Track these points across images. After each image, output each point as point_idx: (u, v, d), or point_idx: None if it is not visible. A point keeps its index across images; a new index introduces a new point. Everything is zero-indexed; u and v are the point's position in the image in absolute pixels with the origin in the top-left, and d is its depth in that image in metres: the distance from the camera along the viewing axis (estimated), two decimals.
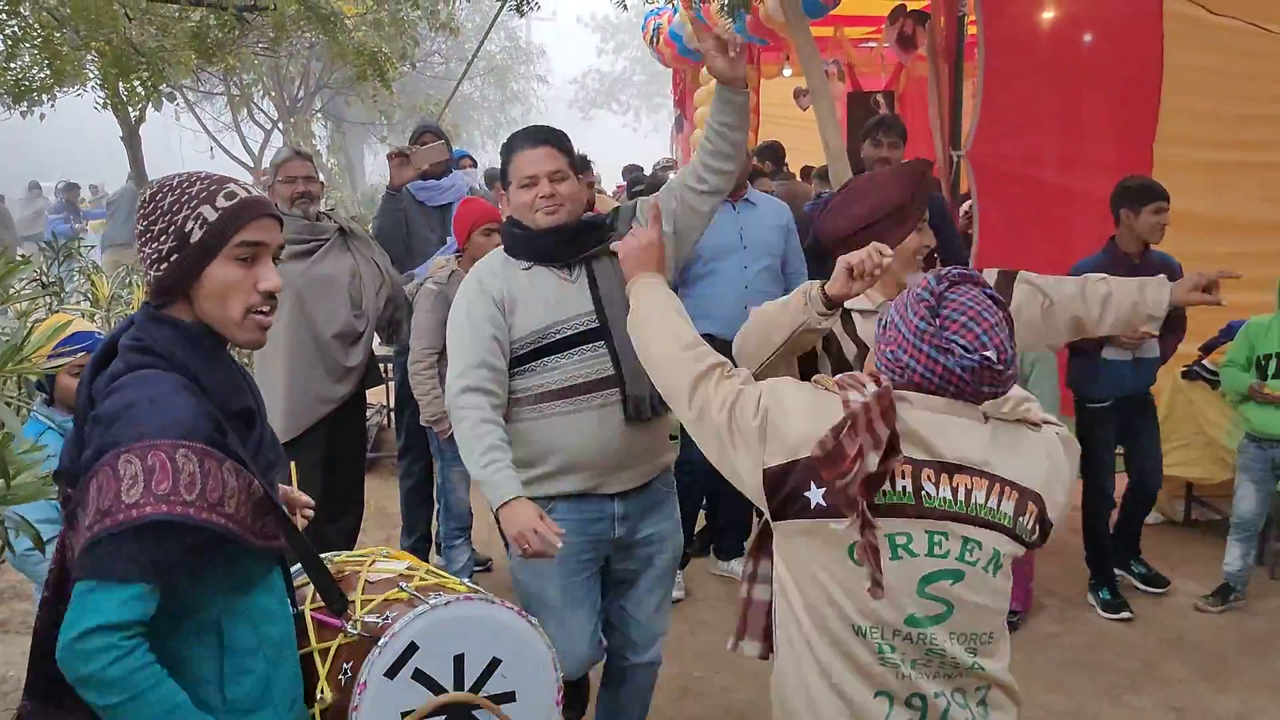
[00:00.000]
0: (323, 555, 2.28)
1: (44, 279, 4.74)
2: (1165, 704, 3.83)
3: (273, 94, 15.13)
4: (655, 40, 11.29)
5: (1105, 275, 2.67)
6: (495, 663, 2.03)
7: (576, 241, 2.79)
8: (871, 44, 10.46)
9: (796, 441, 1.84)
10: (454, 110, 22.52)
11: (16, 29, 5.02)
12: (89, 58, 5.54)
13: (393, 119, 15.51)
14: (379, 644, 1.91)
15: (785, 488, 1.84)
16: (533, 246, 2.80)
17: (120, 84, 5.66)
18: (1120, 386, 4.53)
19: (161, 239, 1.74)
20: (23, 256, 4.88)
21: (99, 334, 1.83)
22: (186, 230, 1.73)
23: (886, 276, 2.42)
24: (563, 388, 2.75)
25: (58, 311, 4.38)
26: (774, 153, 8.04)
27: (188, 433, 1.63)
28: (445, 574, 2.26)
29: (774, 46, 9.86)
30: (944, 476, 1.81)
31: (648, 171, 10.66)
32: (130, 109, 7.55)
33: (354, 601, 2.03)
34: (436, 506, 5.11)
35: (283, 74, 14.66)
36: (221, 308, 1.76)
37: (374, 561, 2.23)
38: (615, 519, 2.86)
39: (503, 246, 2.88)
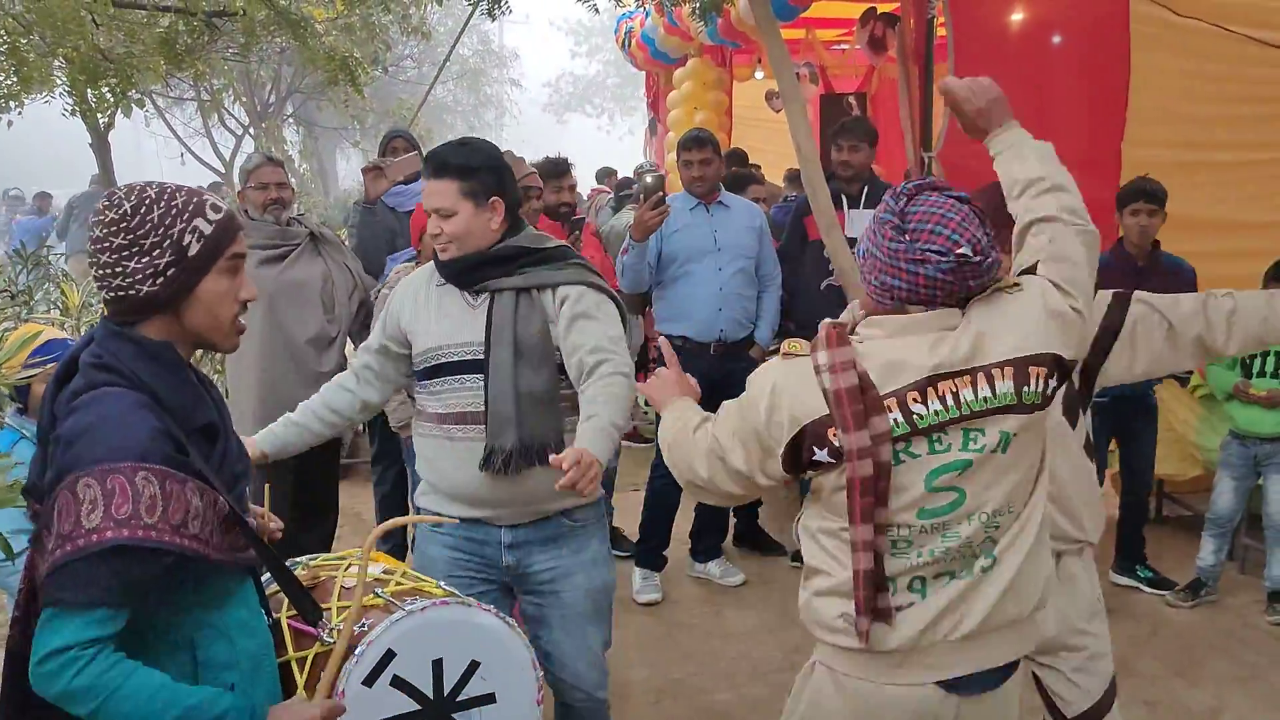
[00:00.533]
0: (299, 559, 2.30)
1: (13, 289, 4.69)
2: (1138, 698, 3.86)
3: (243, 99, 15.02)
4: (627, 44, 11.29)
5: (1231, 290, 2.55)
6: (474, 665, 2.03)
7: (475, 273, 2.67)
8: (843, 46, 10.51)
9: (794, 412, 1.94)
10: (427, 114, 22.43)
11: None
12: (56, 64, 5.48)
13: (365, 124, 15.46)
14: (355, 652, 1.90)
15: (801, 456, 1.95)
16: (442, 270, 2.74)
17: (89, 91, 5.60)
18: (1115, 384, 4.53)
19: (155, 253, 1.71)
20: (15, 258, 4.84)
21: (71, 342, 1.82)
22: (184, 244, 1.73)
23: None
24: (442, 413, 2.69)
25: (27, 321, 4.34)
26: (738, 161, 8.05)
27: (147, 454, 1.63)
28: (423, 576, 2.26)
29: (746, 49, 9.89)
30: (929, 391, 1.89)
31: (621, 175, 10.66)
32: (100, 115, 7.47)
33: (329, 609, 2.01)
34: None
35: (254, 79, 14.56)
36: (213, 318, 1.79)
37: (349, 565, 2.22)
38: (503, 546, 2.73)
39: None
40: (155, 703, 1.60)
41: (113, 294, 1.74)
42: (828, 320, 2.00)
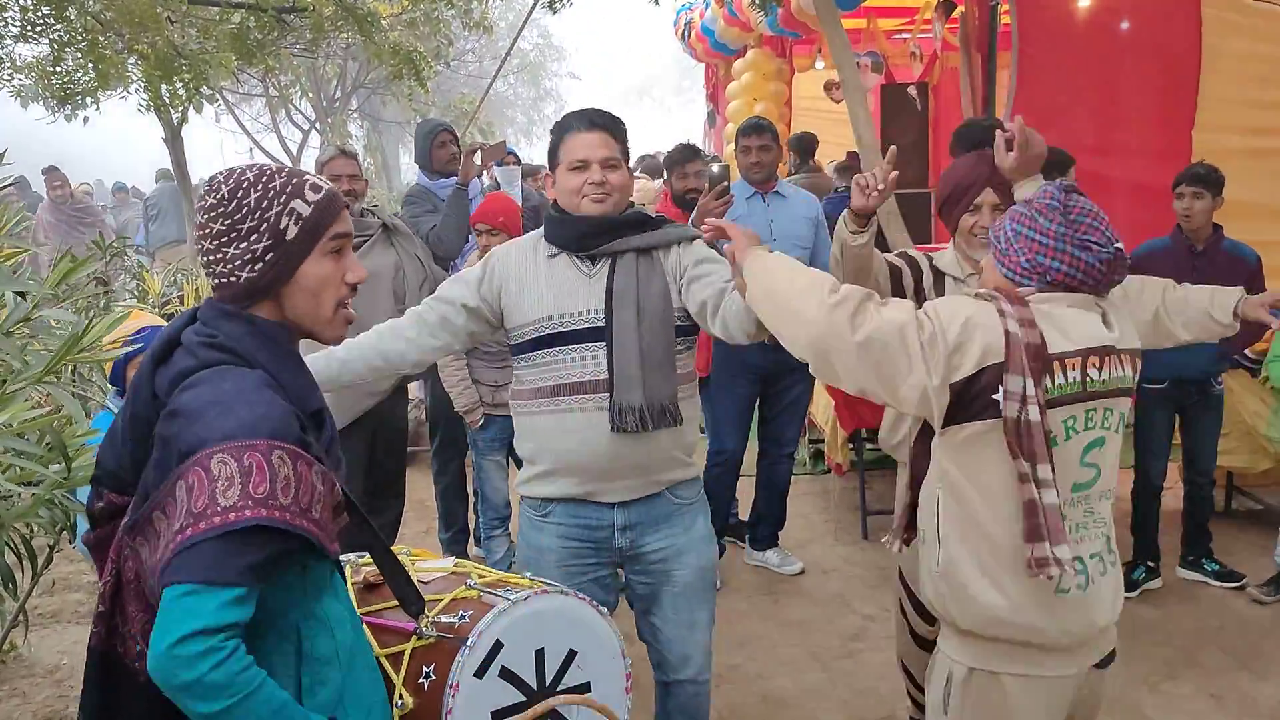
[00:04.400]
0: (349, 556, 2.23)
1: (100, 277, 4.86)
2: (1204, 691, 3.81)
3: (310, 94, 15.28)
4: (686, 35, 11.30)
5: (1189, 284, 2.72)
6: (572, 654, 2.01)
7: (608, 233, 2.65)
8: (904, 35, 10.42)
9: (981, 350, 2.03)
10: (488, 108, 22.62)
11: (62, 33, 5.13)
12: (131, 61, 5.63)
13: (427, 118, 15.60)
14: (466, 644, 1.87)
15: (972, 393, 2.04)
16: (563, 232, 2.69)
17: (163, 86, 5.75)
18: (1172, 368, 4.44)
19: (252, 238, 1.66)
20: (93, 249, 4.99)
21: (163, 327, 1.78)
22: (281, 227, 1.67)
23: (961, 250, 2.91)
24: (556, 385, 2.63)
25: (106, 308, 4.49)
26: (804, 145, 8.00)
27: (280, 432, 1.56)
28: (490, 569, 2.25)
29: (806, 40, 9.84)
30: (1101, 360, 2.08)
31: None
32: (172, 111, 7.66)
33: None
34: (473, 499, 5.18)
35: (320, 75, 14.81)
36: (315, 304, 1.72)
37: (415, 562, 2.21)
38: (616, 528, 2.71)
39: (544, 230, 2.76)
40: (279, 717, 1.52)
41: (217, 280, 1.70)
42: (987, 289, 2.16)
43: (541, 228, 2.78)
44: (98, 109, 9.31)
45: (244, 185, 1.68)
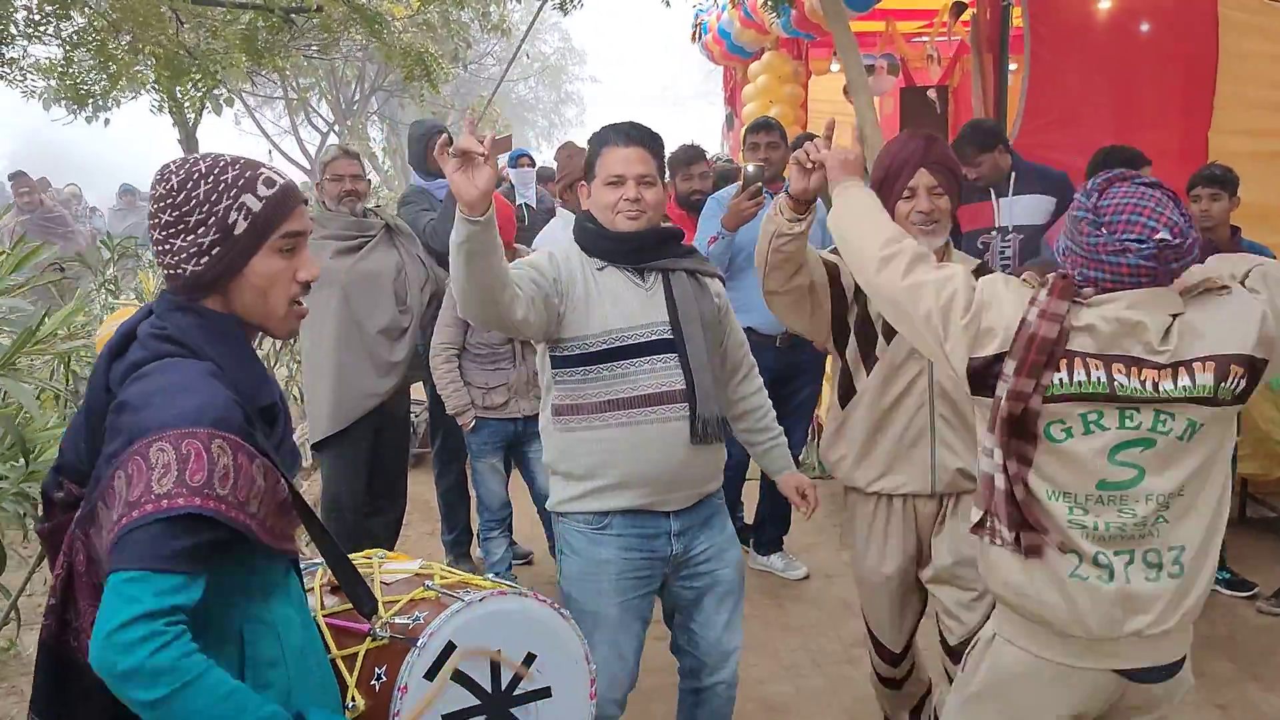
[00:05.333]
0: (316, 561, 2.20)
1: (101, 276, 4.86)
2: (1210, 701, 3.75)
3: (329, 97, 15.36)
4: (698, 36, 11.25)
5: None
6: (530, 658, 1.98)
7: (654, 249, 2.68)
8: (923, 38, 10.35)
9: (1004, 337, 2.04)
10: (509, 111, 22.67)
11: (72, 34, 5.16)
12: (142, 62, 5.66)
13: (447, 121, 15.66)
14: (417, 645, 1.85)
15: (991, 374, 2.06)
16: (609, 248, 2.67)
17: (176, 87, 5.77)
18: None
19: (199, 231, 1.63)
20: (78, 256, 5.02)
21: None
22: (230, 221, 1.64)
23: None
24: (628, 397, 2.60)
25: (115, 309, 4.50)
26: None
27: (223, 422, 1.53)
28: (460, 571, 2.22)
29: (822, 42, 9.76)
30: (1133, 370, 1.98)
31: None
32: (188, 112, 7.69)
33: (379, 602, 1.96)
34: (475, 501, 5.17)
35: (338, 77, 14.88)
36: (264, 301, 1.70)
37: (383, 563, 2.18)
38: (672, 535, 2.71)
39: (577, 240, 2.73)
40: (226, 705, 1.46)
41: (166, 271, 1.67)
42: (1060, 272, 2.08)
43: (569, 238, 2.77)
44: (114, 110, 9.34)
45: (195, 176, 1.65)
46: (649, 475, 2.63)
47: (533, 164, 7.19)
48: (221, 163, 1.69)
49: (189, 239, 1.64)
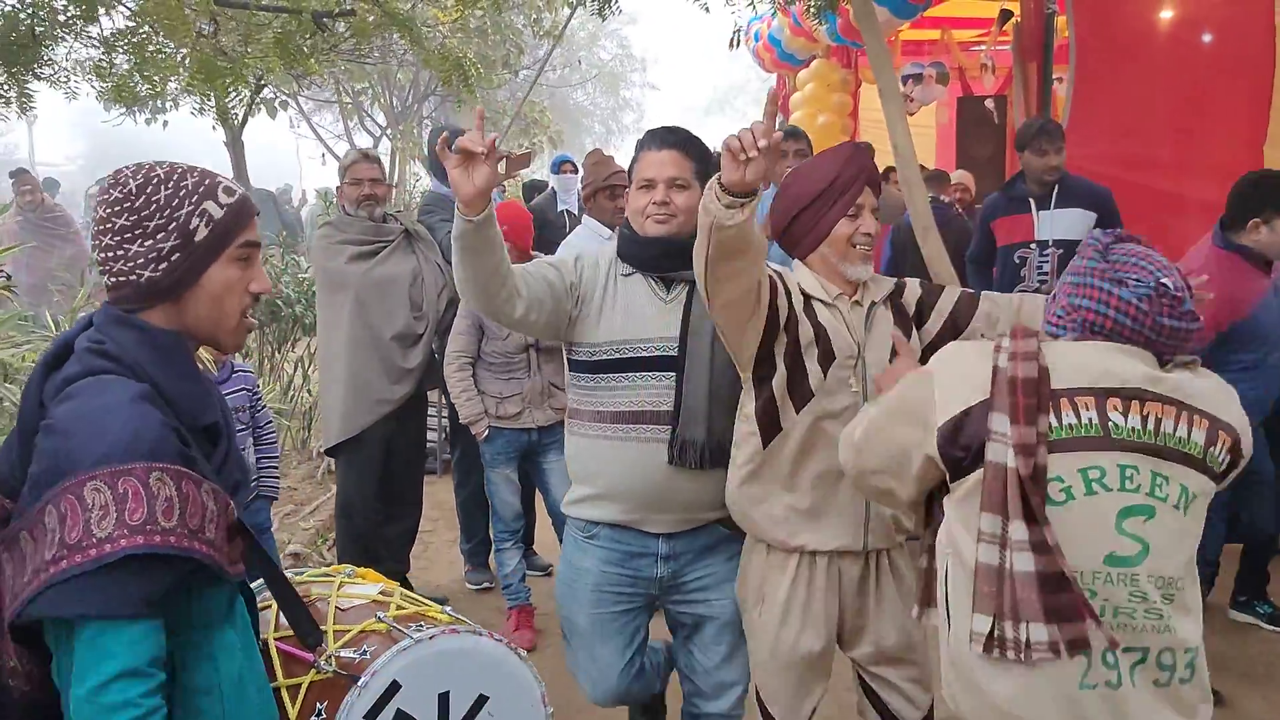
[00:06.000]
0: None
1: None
2: None
3: (381, 101, 15.49)
4: (737, 43, 11.14)
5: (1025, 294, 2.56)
6: (481, 700, 1.91)
7: (679, 257, 2.51)
8: (980, 47, 10.16)
9: (966, 387, 1.83)
10: (564, 117, 22.74)
11: (108, 35, 5.21)
12: (181, 64, 5.71)
13: (499, 126, 15.73)
14: (358, 684, 1.78)
15: (963, 438, 1.81)
16: (637, 253, 2.61)
17: (212, 89, 5.80)
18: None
19: (159, 236, 1.59)
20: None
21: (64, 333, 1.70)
22: (191, 227, 1.60)
23: (827, 268, 2.46)
24: (620, 411, 2.56)
25: None
26: None
27: (159, 451, 1.48)
28: (422, 599, 2.15)
29: None
30: (1133, 404, 1.76)
31: None
32: (234, 114, 7.76)
33: (326, 632, 1.89)
34: None
35: (392, 81, 15.01)
36: (218, 310, 1.66)
37: (342, 585, 2.11)
38: (660, 558, 2.64)
39: (617, 247, 2.68)
40: None
41: (114, 279, 1.61)
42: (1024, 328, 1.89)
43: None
44: (172, 111, 9.44)
45: (154, 181, 1.61)
46: (629, 492, 2.58)
47: (576, 170, 7.14)
48: (180, 169, 1.66)
49: (147, 244, 1.59)
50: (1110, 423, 1.75)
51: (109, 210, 1.60)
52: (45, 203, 9.33)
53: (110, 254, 1.60)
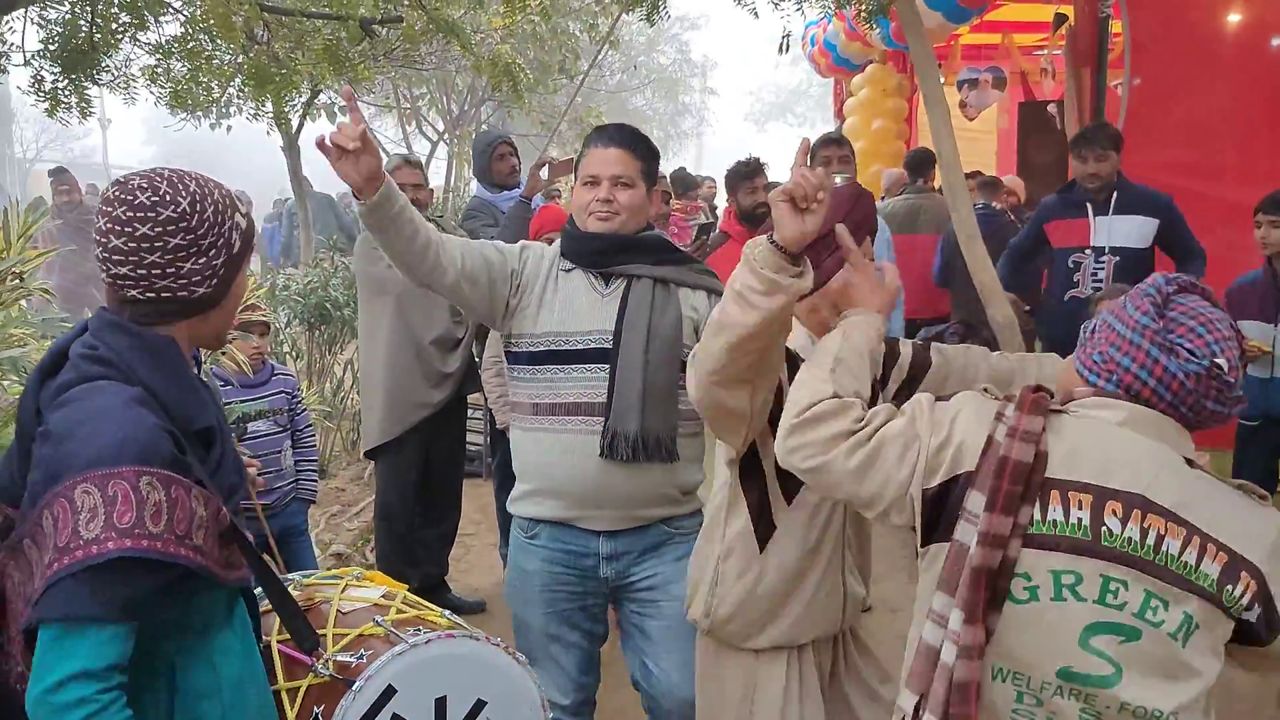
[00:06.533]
0: (290, 576, 2.18)
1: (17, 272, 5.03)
2: None
3: (439, 106, 15.63)
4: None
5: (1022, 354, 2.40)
6: (480, 705, 1.90)
7: (622, 253, 2.59)
8: (1041, 52, 9.99)
9: (955, 453, 1.66)
10: (624, 123, 22.72)
11: (164, 42, 5.31)
12: (233, 70, 5.80)
13: (556, 131, 15.80)
14: (353, 688, 1.78)
15: (945, 506, 1.66)
16: (576, 248, 2.63)
17: (266, 95, 5.90)
18: (1257, 404, 4.17)
19: (211, 254, 1.62)
20: None
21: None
22: (232, 241, 1.65)
23: (817, 322, 2.19)
24: (554, 403, 2.56)
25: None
26: (916, 161, 7.66)
27: (149, 456, 1.48)
28: (424, 603, 2.14)
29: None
30: (1134, 513, 1.56)
31: None
32: (290, 120, 7.88)
33: (325, 635, 1.89)
34: None
35: (449, 87, 15.14)
36: (231, 316, 1.72)
37: (346, 588, 2.11)
38: (602, 557, 2.60)
39: (559, 244, 2.69)
40: None
41: (154, 294, 1.60)
42: (1030, 385, 1.70)
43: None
44: (240, 113, 9.58)
45: (199, 197, 1.62)
46: (566, 486, 2.56)
47: None
48: (206, 182, 1.67)
49: (200, 262, 1.61)
50: (1104, 527, 1.56)
51: (159, 229, 1.57)
52: (83, 203, 9.14)
53: (158, 271, 1.59)
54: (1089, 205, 4.77)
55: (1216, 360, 1.58)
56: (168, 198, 1.59)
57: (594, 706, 2.79)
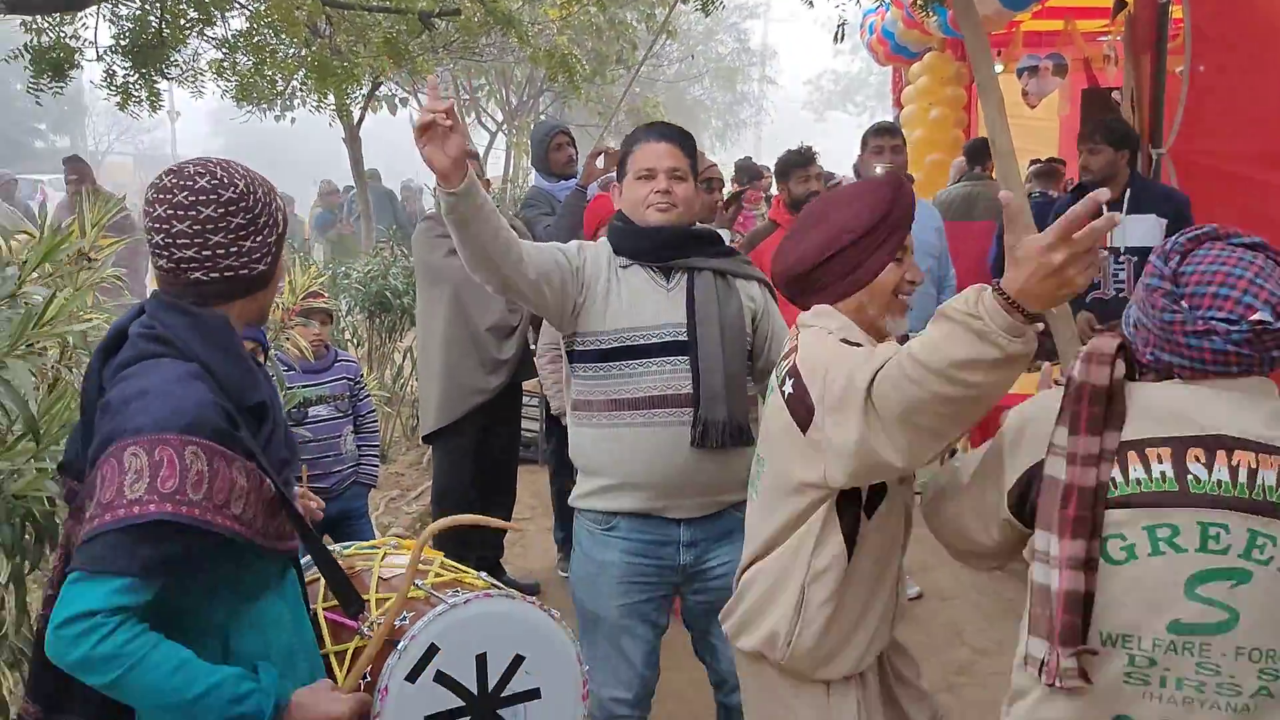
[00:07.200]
0: (332, 547, 2.26)
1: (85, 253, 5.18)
2: None
3: (498, 97, 15.78)
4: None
5: None
6: (518, 660, 1.98)
7: (682, 246, 2.65)
8: (1105, 38, 9.83)
9: (1039, 441, 1.66)
10: (681, 112, 22.74)
11: (230, 36, 5.47)
12: (297, 63, 5.94)
13: (613, 121, 15.86)
14: (398, 648, 1.85)
15: (1031, 494, 1.67)
16: (635, 243, 2.66)
17: (328, 88, 6.03)
18: None
19: (266, 231, 1.73)
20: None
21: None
22: (279, 221, 1.77)
23: (862, 320, 2.06)
24: (636, 398, 2.58)
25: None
26: (974, 150, 7.61)
27: (197, 427, 1.56)
28: (461, 567, 2.22)
29: (991, 41, 9.40)
30: (1219, 454, 1.54)
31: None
32: (352, 111, 8.03)
33: (368, 600, 1.97)
34: None
35: (508, 78, 15.27)
36: (274, 294, 1.83)
37: (385, 555, 2.20)
38: (681, 545, 2.65)
39: (609, 239, 2.72)
40: (177, 677, 1.52)
41: (218, 274, 1.69)
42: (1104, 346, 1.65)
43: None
44: (304, 105, 9.78)
45: (250, 180, 1.74)
46: (653, 478, 2.59)
47: None
48: (240, 165, 1.78)
49: (258, 239, 1.73)
50: (1189, 476, 1.54)
51: (222, 210, 1.68)
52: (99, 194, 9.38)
53: (222, 251, 1.69)
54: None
55: (1256, 315, 1.53)
56: (225, 180, 1.70)
57: (651, 697, 2.84)
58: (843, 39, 5.68)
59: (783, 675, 2.10)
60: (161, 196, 1.68)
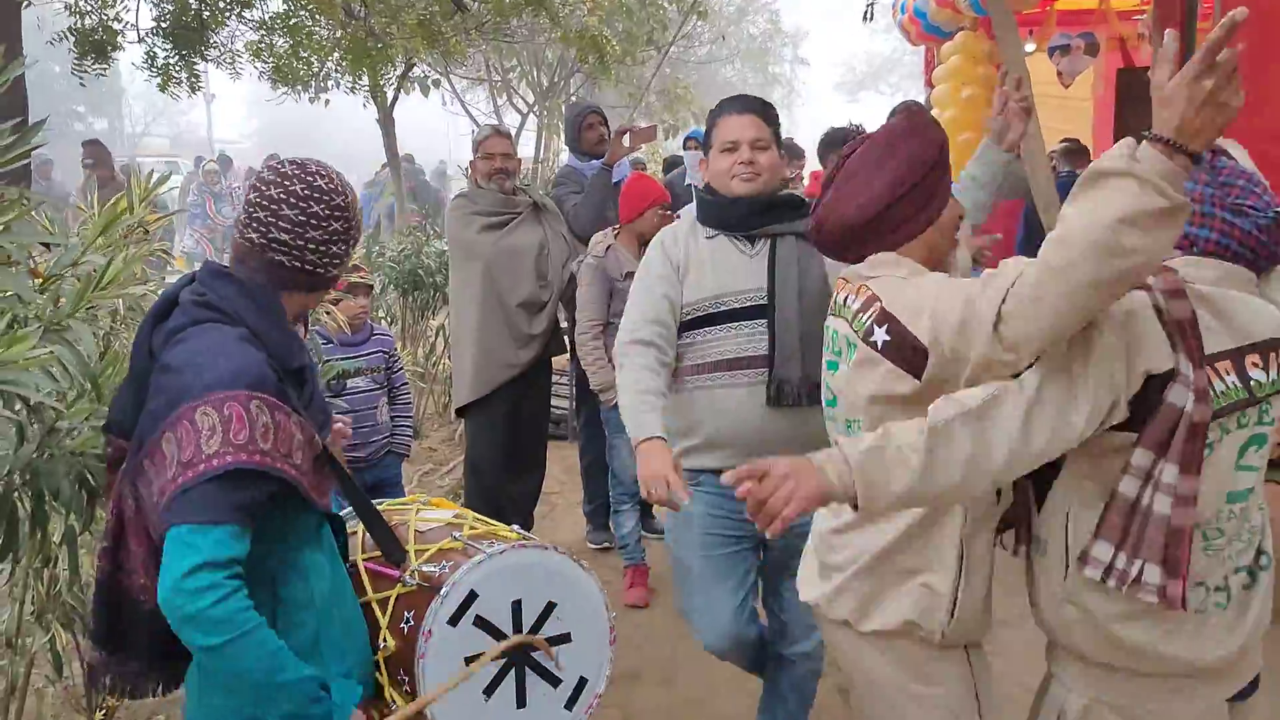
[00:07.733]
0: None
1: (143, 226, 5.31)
2: None
3: (529, 78, 15.84)
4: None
5: None
6: (551, 606, 2.09)
7: (766, 214, 2.75)
8: (1140, 16, 9.74)
9: (1148, 342, 1.72)
10: (711, 94, 22.68)
11: (267, 18, 5.57)
12: (333, 45, 6.03)
13: (644, 103, 15.88)
14: (440, 593, 1.96)
15: (1149, 398, 1.70)
16: (720, 214, 2.78)
17: (363, 69, 6.12)
18: None
19: (350, 244, 1.89)
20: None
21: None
22: (356, 240, 1.92)
23: (933, 259, 2.02)
24: (718, 361, 2.73)
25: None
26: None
27: (257, 383, 1.69)
28: (492, 521, 2.33)
29: (1021, 22, 9.35)
30: (1271, 356, 1.73)
31: None
32: (385, 93, 8.12)
33: (409, 550, 2.09)
34: None
35: (540, 59, 15.32)
36: (320, 300, 2.00)
37: (419, 510, 2.32)
38: None
39: (696, 213, 2.86)
40: (274, 660, 1.64)
41: (299, 264, 1.83)
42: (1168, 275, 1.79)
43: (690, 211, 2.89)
44: (338, 87, 9.89)
45: (353, 197, 1.88)
46: (731, 437, 2.72)
47: (699, 146, 7.19)
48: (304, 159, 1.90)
49: (342, 248, 1.88)
50: (1252, 381, 1.72)
51: (329, 211, 1.84)
52: (116, 179, 8.82)
53: (312, 246, 1.83)
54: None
55: (1277, 209, 1.74)
56: (339, 188, 1.85)
57: (752, 648, 2.93)
58: (872, 18, 5.68)
59: (923, 647, 2.01)
60: (279, 180, 1.81)
